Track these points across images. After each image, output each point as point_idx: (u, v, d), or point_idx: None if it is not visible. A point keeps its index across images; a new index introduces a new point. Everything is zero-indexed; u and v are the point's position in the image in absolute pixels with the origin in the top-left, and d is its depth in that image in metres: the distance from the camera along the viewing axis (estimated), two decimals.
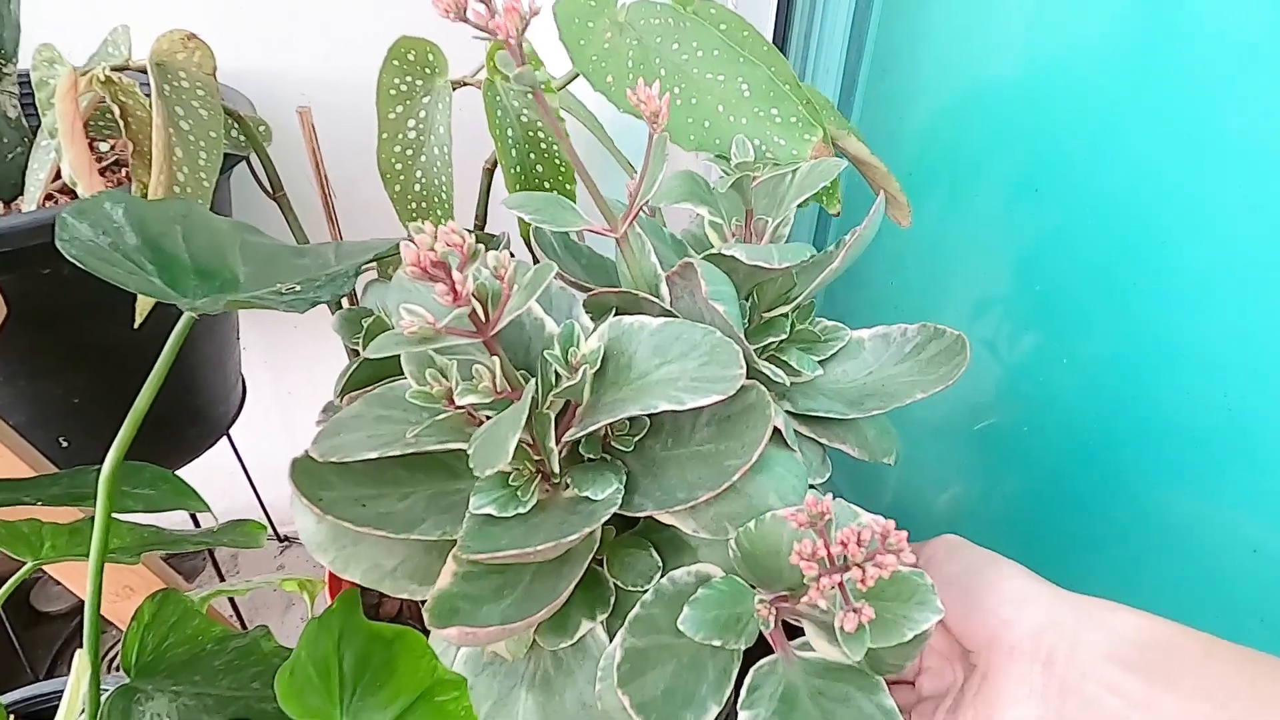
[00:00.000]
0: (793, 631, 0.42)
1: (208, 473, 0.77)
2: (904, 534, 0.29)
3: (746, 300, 0.49)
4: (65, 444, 0.64)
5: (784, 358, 0.47)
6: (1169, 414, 0.51)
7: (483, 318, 0.33)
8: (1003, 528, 0.66)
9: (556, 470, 0.37)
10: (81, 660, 0.45)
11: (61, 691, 0.60)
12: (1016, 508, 0.65)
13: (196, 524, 0.87)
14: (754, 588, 0.38)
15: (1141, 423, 0.52)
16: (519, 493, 0.36)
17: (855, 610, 0.30)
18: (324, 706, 0.38)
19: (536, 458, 0.38)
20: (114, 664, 0.98)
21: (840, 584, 0.29)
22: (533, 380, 0.33)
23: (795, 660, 0.40)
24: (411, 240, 0.31)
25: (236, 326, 0.77)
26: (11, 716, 0.60)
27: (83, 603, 1.00)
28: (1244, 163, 0.44)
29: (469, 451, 0.33)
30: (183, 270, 0.45)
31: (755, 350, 0.46)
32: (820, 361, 0.50)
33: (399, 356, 0.41)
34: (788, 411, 0.47)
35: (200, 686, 0.50)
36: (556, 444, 0.36)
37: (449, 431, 0.36)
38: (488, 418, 0.35)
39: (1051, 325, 0.59)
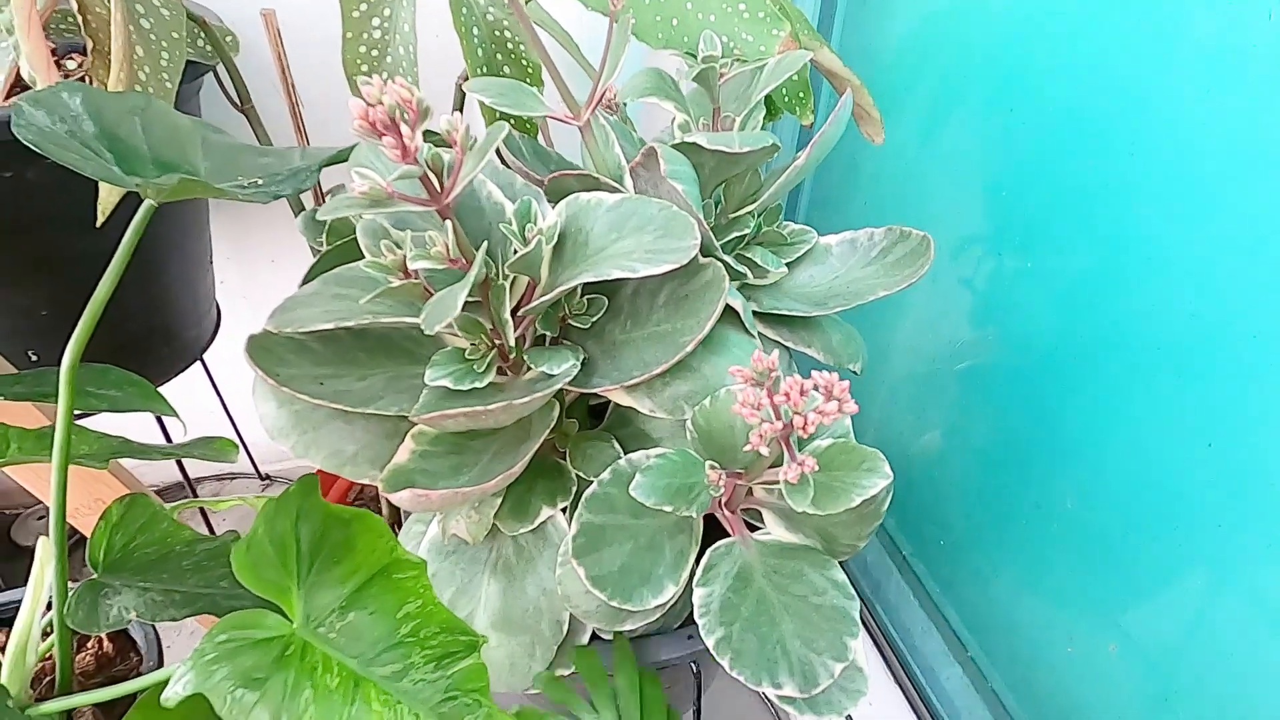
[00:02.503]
0: (754, 529, 0.43)
1: (188, 413, 0.77)
2: (846, 384, 0.29)
3: (714, 202, 0.49)
4: (34, 357, 0.63)
5: (750, 255, 0.47)
6: (1133, 323, 0.51)
7: (437, 186, 0.33)
8: (976, 454, 0.66)
9: (513, 346, 0.37)
10: (45, 546, 0.46)
11: (15, 602, 0.61)
12: (990, 432, 0.65)
13: (167, 439, 0.87)
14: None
15: (1106, 331, 0.53)
16: (475, 366, 0.36)
17: (799, 462, 0.30)
18: (280, 579, 0.38)
19: (495, 338, 0.38)
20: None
21: (785, 437, 0.30)
22: (484, 245, 0.33)
23: (752, 543, 0.40)
24: (360, 96, 0.30)
25: (209, 250, 0.76)
26: None
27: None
28: (1208, 79, 0.44)
29: (421, 318, 0.33)
30: (141, 160, 0.45)
31: (721, 246, 0.46)
32: (788, 264, 0.50)
33: (357, 252, 0.41)
34: (754, 312, 0.47)
35: (168, 584, 0.50)
36: (513, 318, 0.36)
37: (403, 305, 0.36)
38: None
39: (1022, 240, 0.59)
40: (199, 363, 0.89)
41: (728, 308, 0.38)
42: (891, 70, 0.68)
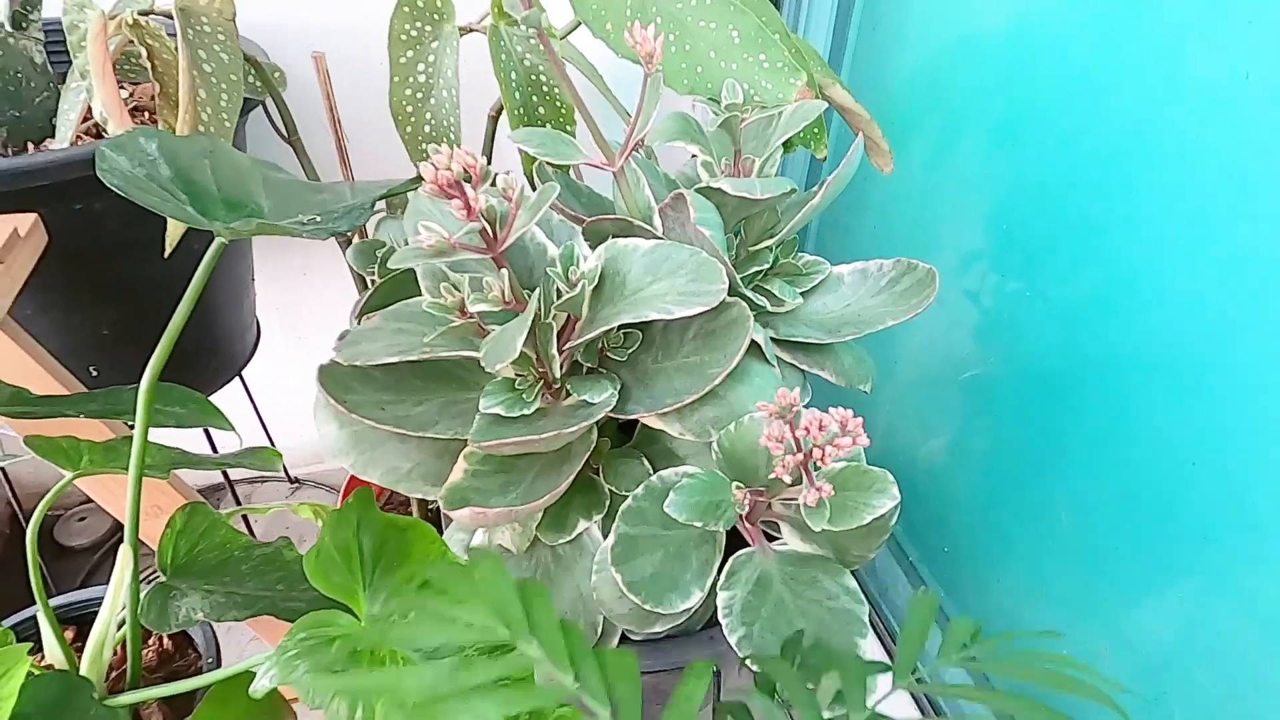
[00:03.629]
0: (772, 539, 0.47)
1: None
2: (860, 420, 0.33)
3: (734, 234, 0.53)
4: (95, 373, 0.68)
5: (768, 287, 0.51)
6: (1126, 345, 0.55)
7: (492, 235, 0.37)
8: (978, 466, 0.70)
9: (558, 376, 0.41)
10: (125, 553, 0.50)
11: (94, 599, 0.65)
12: (992, 445, 0.69)
13: (214, 449, 0.91)
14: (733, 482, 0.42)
15: (1101, 353, 0.57)
16: (524, 395, 0.40)
17: (817, 488, 0.34)
18: (348, 583, 0.42)
19: (540, 368, 0.42)
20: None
21: (804, 465, 0.34)
22: (537, 290, 0.37)
23: (771, 552, 0.44)
24: (430, 163, 0.34)
25: (251, 269, 0.81)
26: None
27: (104, 538, 1.05)
28: (1204, 111, 0.47)
29: (481, 354, 0.37)
30: (212, 200, 0.49)
31: (742, 279, 0.50)
32: (802, 293, 0.54)
33: (411, 283, 0.45)
34: (771, 338, 0.51)
35: (229, 586, 0.54)
36: (558, 352, 0.40)
37: (460, 340, 0.40)
38: (494, 331, 0.39)
39: (1024, 265, 0.63)
40: (240, 379, 0.94)
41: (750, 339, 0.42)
42: (900, 102, 0.72)
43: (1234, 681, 0.50)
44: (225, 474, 1.01)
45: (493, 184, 0.37)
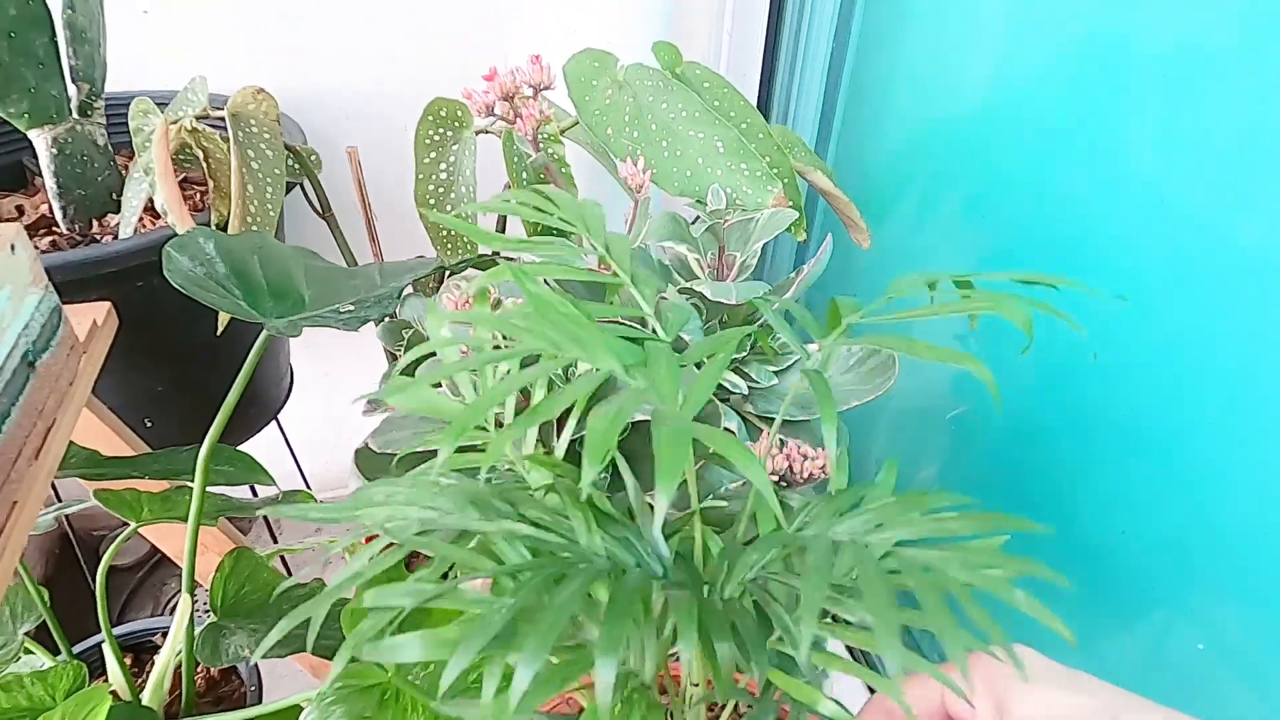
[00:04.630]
0: None
1: (253, 446, 0.89)
2: (826, 454, 0.40)
3: (719, 322, 0.60)
4: (149, 424, 0.75)
5: (746, 369, 0.58)
6: (1087, 405, 0.61)
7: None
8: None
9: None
10: (185, 601, 0.57)
11: (147, 630, 0.73)
12: (972, 484, 0.75)
13: (254, 494, 0.98)
14: None
15: (1064, 411, 0.63)
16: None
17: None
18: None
19: (545, 450, 0.49)
20: (174, 607, 1.11)
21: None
22: (541, 394, 0.44)
23: None
24: (454, 288, 0.41)
25: None
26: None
27: (145, 557, 1.13)
28: (1160, 184, 0.52)
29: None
30: (261, 293, 0.56)
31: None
32: (777, 372, 0.60)
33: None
34: (750, 412, 0.58)
35: (271, 626, 0.61)
36: (557, 440, 0.47)
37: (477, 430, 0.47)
38: None
39: (995, 332, 0.69)
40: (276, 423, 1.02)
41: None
42: (880, 180, 0.78)
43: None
44: (268, 522, 1.08)
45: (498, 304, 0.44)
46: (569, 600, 0.23)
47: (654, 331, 0.37)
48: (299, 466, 1.08)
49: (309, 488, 1.25)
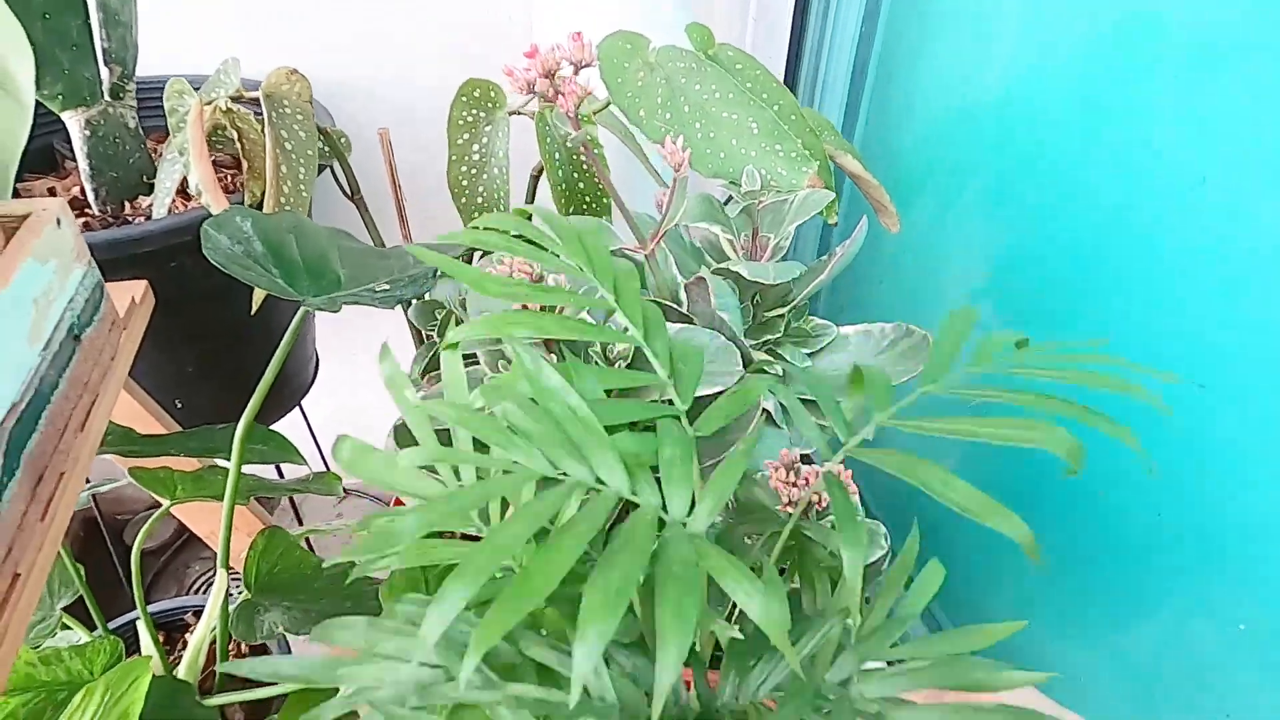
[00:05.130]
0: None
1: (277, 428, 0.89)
2: (849, 472, 0.40)
3: (751, 302, 0.60)
4: (179, 405, 0.76)
5: (780, 351, 0.58)
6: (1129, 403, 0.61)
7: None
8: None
9: None
10: (221, 576, 0.58)
11: (176, 608, 0.73)
12: (990, 477, 0.75)
13: (280, 475, 0.99)
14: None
15: (1090, 399, 0.62)
16: None
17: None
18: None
19: None
20: (198, 589, 1.12)
21: (805, 512, 0.40)
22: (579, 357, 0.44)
23: None
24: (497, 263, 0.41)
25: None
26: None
27: (169, 540, 1.14)
28: (1194, 170, 0.52)
29: None
30: (298, 271, 0.57)
31: (755, 345, 0.57)
32: (811, 354, 0.60)
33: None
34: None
35: (304, 603, 0.62)
36: None
37: None
38: None
39: (1018, 321, 0.69)
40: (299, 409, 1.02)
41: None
42: (908, 165, 0.78)
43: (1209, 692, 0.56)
44: (294, 503, 1.09)
45: (541, 278, 0.44)
46: None
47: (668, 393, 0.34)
48: (320, 451, 1.09)
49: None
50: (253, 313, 0.63)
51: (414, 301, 0.64)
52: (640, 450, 0.27)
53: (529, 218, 0.37)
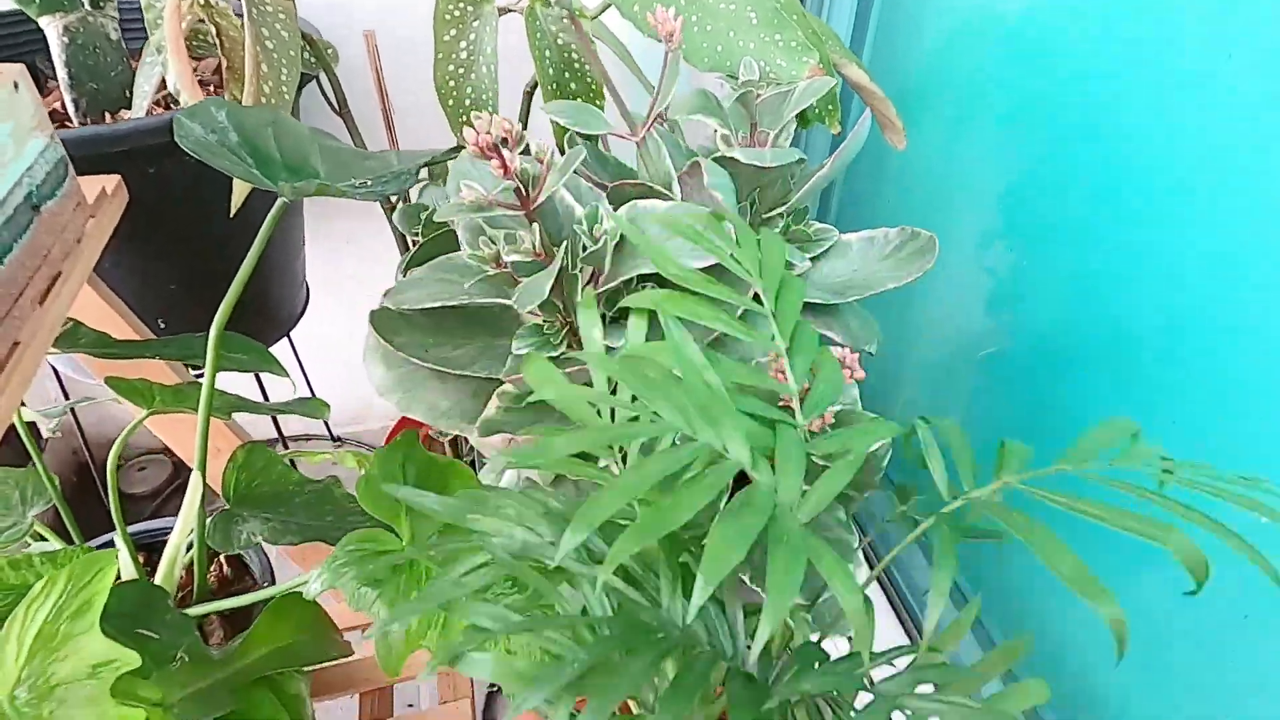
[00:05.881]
0: None
1: (273, 381, 0.87)
2: (855, 356, 0.37)
3: (749, 204, 0.57)
4: (163, 325, 0.74)
5: None
6: (1126, 314, 0.58)
7: (525, 194, 0.42)
8: (985, 426, 0.73)
9: (581, 322, 0.45)
10: (196, 479, 0.56)
11: (160, 529, 0.72)
12: (999, 410, 0.72)
13: (261, 386, 0.97)
14: None
15: (1104, 322, 0.60)
16: (551, 339, 0.45)
17: (824, 422, 0.38)
18: (393, 508, 0.48)
19: (567, 317, 0.47)
20: None
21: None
22: (564, 244, 0.42)
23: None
24: (473, 127, 0.39)
25: (303, 235, 0.86)
26: None
27: (162, 485, 1.12)
28: (1205, 94, 0.50)
29: (514, 299, 0.42)
30: (275, 165, 0.54)
31: None
32: (812, 259, 0.58)
33: (451, 242, 0.50)
34: None
35: (284, 516, 0.60)
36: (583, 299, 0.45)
37: (495, 288, 0.45)
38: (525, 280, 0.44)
39: (1033, 239, 0.66)
40: (288, 339, 1.00)
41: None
42: (918, 81, 0.75)
43: (1221, 651, 0.54)
44: (279, 430, 1.07)
45: (526, 149, 0.41)
46: (638, 673, 0.25)
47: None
48: (308, 381, 1.07)
49: (325, 423, 1.24)
50: (232, 214, 0.61)
51: (399, 205, 0.62)
52: (762, 438, 0.29)
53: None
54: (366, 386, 0.55)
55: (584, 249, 0.44)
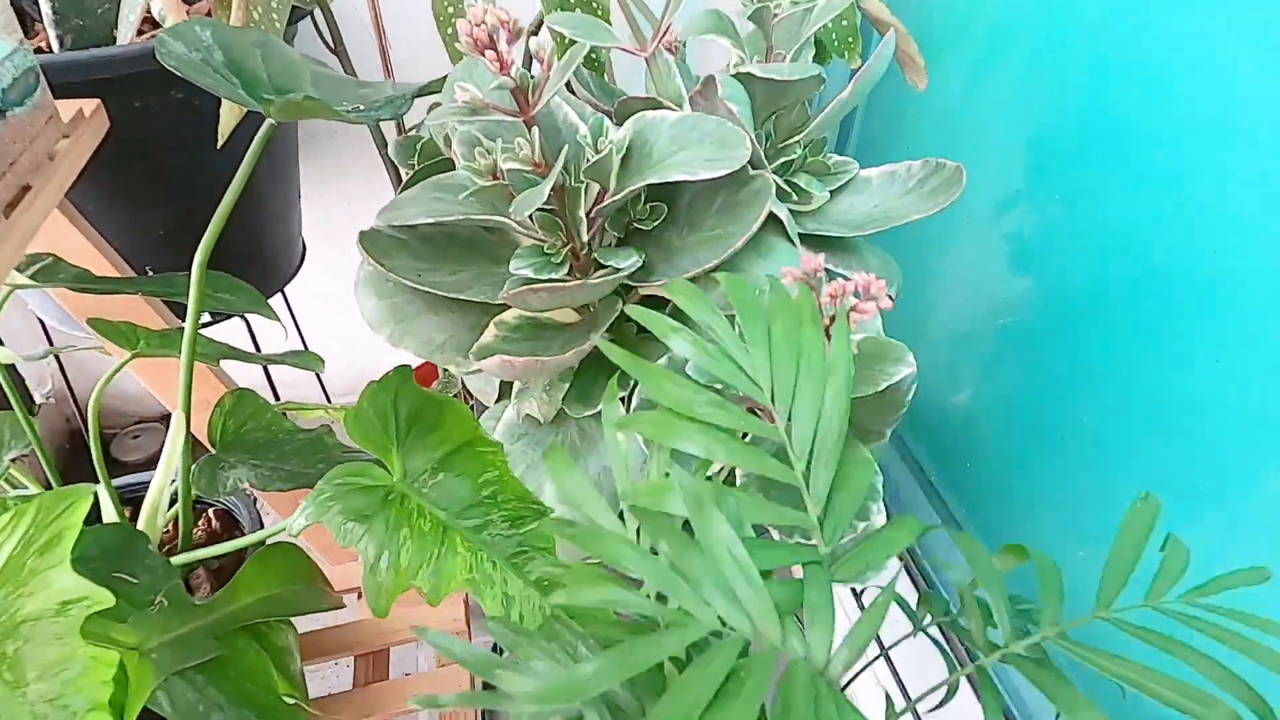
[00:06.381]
0: None
1: (268, 342, 0.84)
2: (882, 283, 0.34)
3: (764, 132, 0.54)
4: (150, 274, 0.71)
5: (795, 180, 0.52)
6: (1153, 260, 0.55)
7: (525, 99, 0.39)
8: (1003, 375, 0.70)
9: (584, 242, 0.42)
10: (178, 418, 0.53)
11: (145, 483, 0.69)
12: (1016, 358, 0.69)
13: (254, 339, 0.94)
14: None
15: (1128, 268, 0.56)
16: (553, 259, 0.42)
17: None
18: (383, 442, 0.45)
19: (569, 238, 0.44)
20: None
21: (828, 329, 0.35)
22: (564, 149, 0.38)
23: None
24: (467, 18, 0.36)
25: (299, 187, 0.83)
26: None
27: (156, 454, 1.09)
28: (1241, 30, 0.46)
29: (511, 208, 0.39)
30: (263, 87, 0.51)
31: (770, 171, 0.51)
32: (831, 192, 0.54)
33: (447, 168, 0.47)
34: (799, 234, 0.52)
35: (274, 462, 0.57)
36: (587, 220, 0.42)
37: (491, 204, 0.41)
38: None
39: (1058, 182, 0.63)
40: (280, 294, 0.97)
41: (773, 218, 0.43)
42: (940, 19, 0.72)
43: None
44: (273, 386, 1.04)
45: (534, 32, 0.38)
46: None
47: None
48: (302, 337, 1.04)
49: (324, 389, 1.22)
50: (219, 144, 0.58)
51: (392, 141, 0.59)
52: (788, 598, 0.27)
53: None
54: (364, 358, 0.52)
55: (588, 160, 0.41)
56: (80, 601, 0.39)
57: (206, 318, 0.77)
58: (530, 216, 0.42)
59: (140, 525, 0.55)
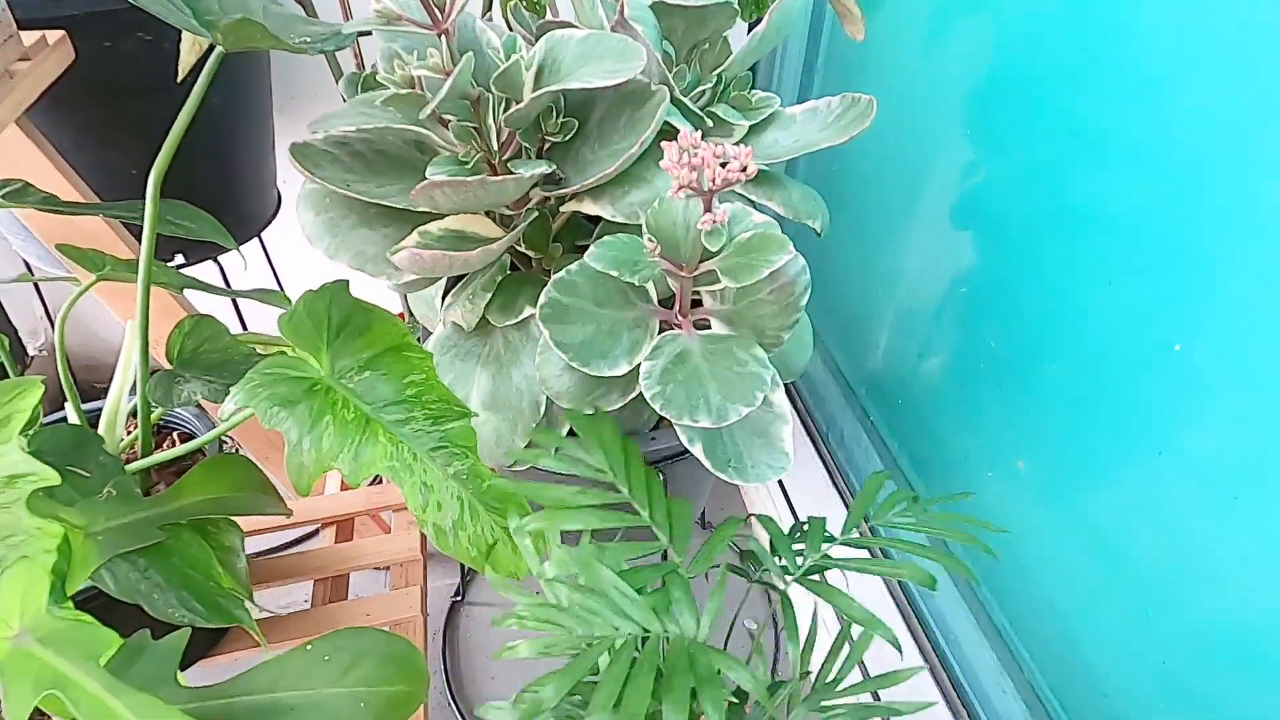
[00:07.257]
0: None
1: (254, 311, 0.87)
2: (749, 150, 0.37)
3: (686, 66, 0.57)
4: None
5: (715, 110, 0.55)
6: (1071, 200, 0.57)
7: (438, 14, 0.42)
8: (933, 309, 0.73)
9: (495, 150, 0.45)
10: (132, 328, 0.56)
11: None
12: (944, 291, 0.72)
13: (228, 284, 0.97)
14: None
15: (1048, 207, 0.59)
16: (466, 164, 0.45)
17: (714, 219, 0.38)
18: (314, 341, 0.48)
19: (483, 147, 0.47)
20: None
21: (706, 199, 0.38)
22: (469, 53, 0.41)
23: (695, 335, 0.49)
24: None
25: (272, 137, 0.87)
26: None
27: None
28: None
29: (421, 111, 0.42)
30: (214, 14, 0.54)
31: (689, 98, 0.54)
32: (756, 128, 0.57)
33: None
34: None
35: (229, 380, 0.60)
36: (499, 130, 0.45)
37: (406, 112, 0.45)
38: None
39: (992, 128, 0.65)
40: (260, 245, 1.01)
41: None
42: None
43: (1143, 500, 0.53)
44: (244, 324, 1.07)
45: None
46: None
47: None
48: (279, 284, 1.07)
49: None
50: (179, 79, 0.61)
51: (343, 76, 0.62)
52: (661, 601, 0.39)
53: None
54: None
55: (496, 68, 0.44)
56: (27, 476, 0.43)
57: (180, 260, 0.80)
58: (448, 127, 0.45)
59: (100, 427, 0.59)
